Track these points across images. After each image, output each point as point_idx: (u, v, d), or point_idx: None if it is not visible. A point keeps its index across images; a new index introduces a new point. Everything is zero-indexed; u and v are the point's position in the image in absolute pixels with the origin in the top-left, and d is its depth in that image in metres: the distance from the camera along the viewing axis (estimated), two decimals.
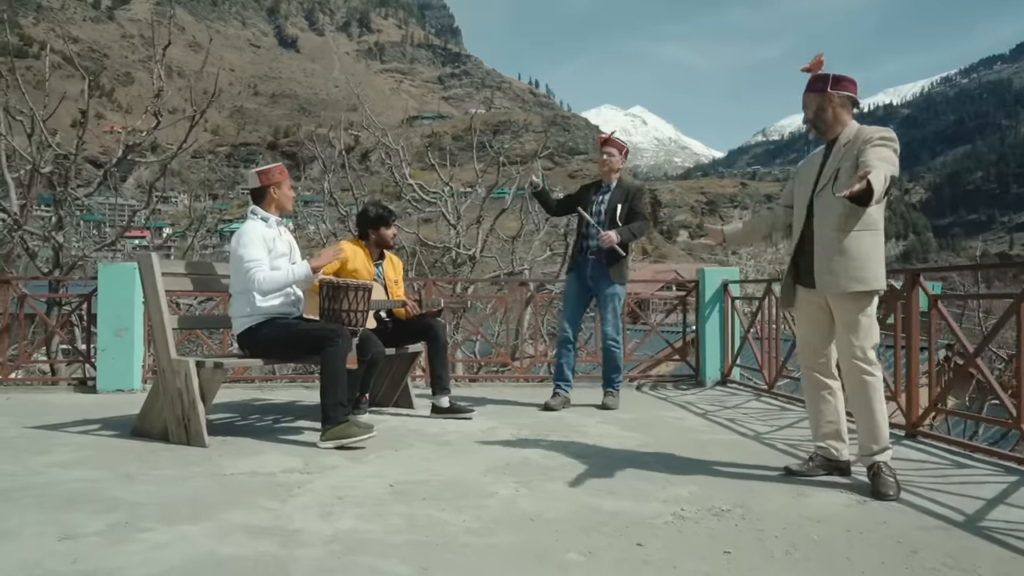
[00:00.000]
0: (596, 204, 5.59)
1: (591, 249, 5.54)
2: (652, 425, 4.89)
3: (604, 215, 5.52)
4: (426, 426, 4.75)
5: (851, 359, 3.34)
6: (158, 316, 4.19)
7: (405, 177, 10.71)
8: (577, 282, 5.62)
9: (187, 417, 4.06)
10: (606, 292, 5.54)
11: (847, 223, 3.35)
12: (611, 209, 5.52)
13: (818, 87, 3.44)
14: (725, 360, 6.89)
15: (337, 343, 4.06)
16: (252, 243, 4.22)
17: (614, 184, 5.60)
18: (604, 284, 5.52)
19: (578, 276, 5.61)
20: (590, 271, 5.55)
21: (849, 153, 3.33)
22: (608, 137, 5.70)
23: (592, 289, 5.60)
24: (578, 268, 5.62)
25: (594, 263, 5.52)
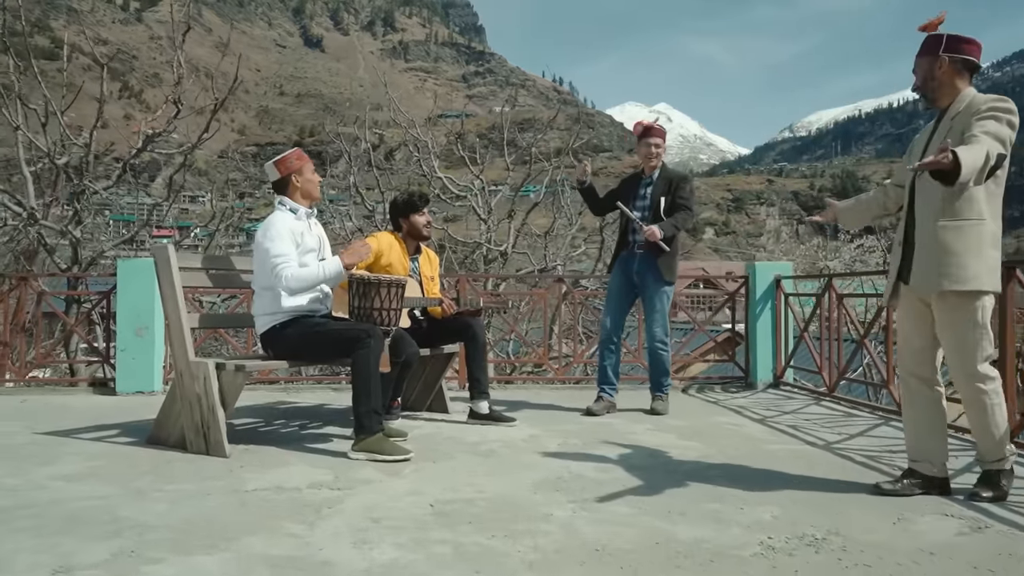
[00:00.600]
0: (639, 198, 5.20)
1: (637, 243, 5.15)
2: (709, 433, 4.49)
3: (648, 210, 5.13)
4: (464, 433, 4.38)
5: (957, 371, 2.95)
6: (175, 314, 3.86)
7: (434, 170, 10.36)
8: (622, 277, 5.22)
9: (206, 425, 3.73)
10: (653, 289, 5.13)
11: (946, 210, 2.93)
12: (655, 202, 5.12)
13: (930, 49, 3.02)
14: (777, 361, 6.45)
15: (369, 344, 3.71)
16: (279, 236, 3.87)
17: (657, 175, 5.20)
18: (651, 280, 5.12)
19: (623, 271, 5.21)
20: (636, 266, 5.15)
21: (957, 126, 2.91)
22: (651, 125, 5.29)
23: (637, 286, 5.20)
24: (623, 263, 5.22)
25: (641, 257, 5.13)
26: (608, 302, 5.32)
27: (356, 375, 3.73)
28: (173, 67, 8.04)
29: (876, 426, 4.66)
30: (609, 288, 5.33)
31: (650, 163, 5.20)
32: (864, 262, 24.48)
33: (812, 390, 6.07)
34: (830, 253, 27.81)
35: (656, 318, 5.15)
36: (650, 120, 5.51)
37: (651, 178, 5.20)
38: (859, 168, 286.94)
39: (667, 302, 5.22)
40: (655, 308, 5.14)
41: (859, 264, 24.31)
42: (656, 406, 5.17)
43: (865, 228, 30.70)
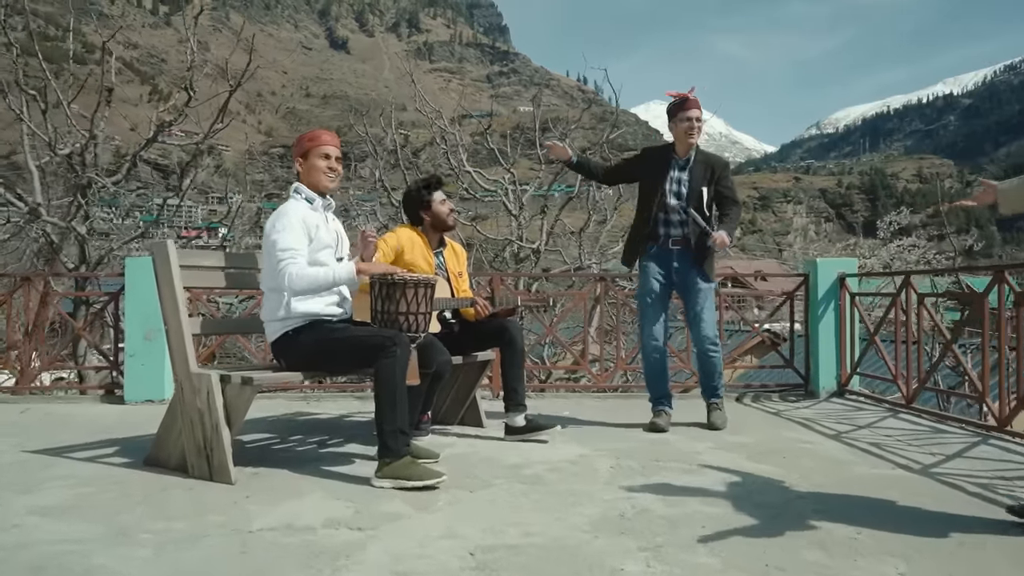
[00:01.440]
0: (673, 182, 4.52)
1: (673, 237, 4.54)
2: (782, 452, 3.92)
3: (686, 198, 4.49)
4: (502, 453, 3.86)
5: None
6: (174, 319, 3.39)
7: (462, 163, 9.85)
8: (659, 276, 4.58)
9: (209, 446, 3.25)
10: (701, 288, 4.55)
11: None
12: (696, 191, 4.48)
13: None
14: (842, 367, 5.86)
15: (394, 353, 3.20)
16: (289, 227, 3.38)
17: (693, 157, 4.54)
18: (696, 279, 4.54)
19: (659, 269, 4.58)
20: (676, 262, 4.56)
21: None
22: (687, 96, 4.54)
23: (675, 284, 4.62)
24: (657, 260, 4.58)
25: (679, 254, 4.54)
26: (647, 306, 4.63)
27: (380, 389, 3.23)
28: (187, 53, 7.58)
29: (974, 445, 4.07)
30: (644, 290, 4.63)
31: (689, 140, 4.51)
32: (905, 261, 23.58)
33: (886, 400, 5.47)
34: (867, 251, 26.96)
35: (706, 318, 4.57)
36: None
37: (687, 160, 4.55)
38: (888, 165, 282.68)
39: (713, 300, 4.70)
40: (704, 308, 4.57)
41: (899, 263, 23.38)
42: (714, 419, 4.59)
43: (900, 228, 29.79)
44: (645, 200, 4.61)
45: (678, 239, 4.54)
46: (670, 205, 4.51)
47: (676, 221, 4.53)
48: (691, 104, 4.53)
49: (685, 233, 4.51)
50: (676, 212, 4.51)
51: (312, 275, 3.34)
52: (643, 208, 4.63)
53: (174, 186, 9.24)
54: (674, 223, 4.53)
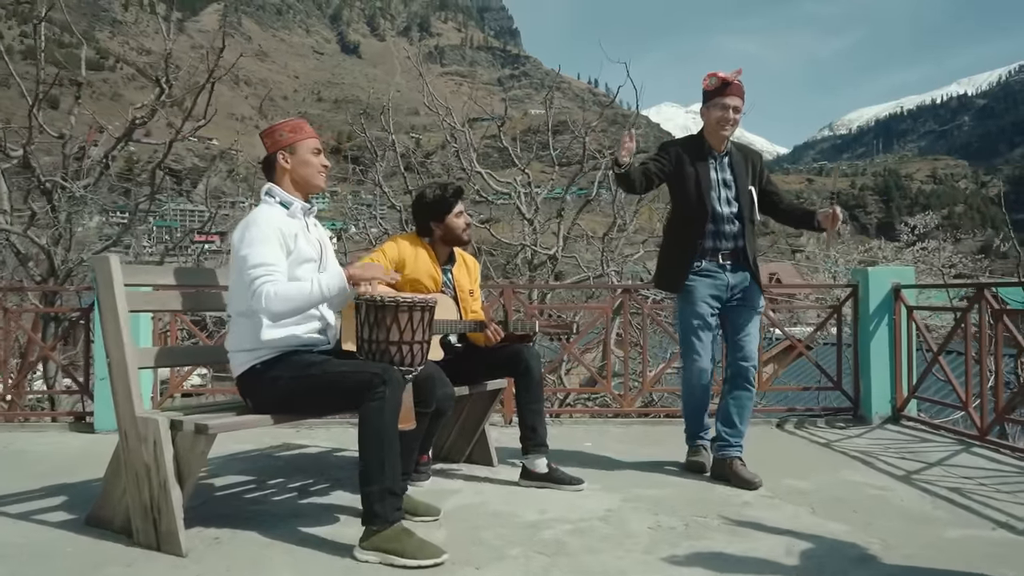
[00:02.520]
0: (719, 185, 3.78)
1: (724, 251, 3.77)
2: (850, 503, 3.28)
3: (735, 194, 3.78)
4: (517, 506, 3.23)
5: None
6: (118, 349, 2.78)
7: (472, 164, 9.23)
8: (711, 296, 3.77)
9: (156, 507, 2.64)
10: (755, 306, 3.86)
11: None
12: (745, 191, 3.78)
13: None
14: (897, 390, 5.20)
15: (382, 394, 2.58)
16: (262, 239, 2.76)
17: (729, 149, 3.85)
18: (754, 298, 3.84)
19: (712, 287, 3.77)
20: (731, 278, 3.78)
21: None
22: (728, 78, 3.74)
23: (724, 304, 3.81)
24: (707, 276, 3.77)
25: (733, 269, 3.79)
26: (696, 332, 3.80)
27: (364, 438, 2.61)
28: (164, 39, 7.00)
29: None
30: (691, 313, 3.78)
31: (721, 133, 3.77)
32: (928, 264, 22.76)
33: (950, 430, 4.80)
34: (890, 254, 26.14)
35: (752, 337, 3.84)
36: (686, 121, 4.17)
37: (726, 152, 3.84)
38: (902, 166, 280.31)
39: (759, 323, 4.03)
40: (753, 327, 3.85)
41: (922, 266, 22.54)
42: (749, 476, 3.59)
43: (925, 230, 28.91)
44: (686, 207, 3.79)
45: (729, 252, 3.79)
46: (721, 213, 3.75)
47: (729, 232, 3.78)
48: (733, 90, 3.74)
49: (739, 245, 3.79)
50: (729, 221, 3.77)
51: (292, 293, 2.70)
52: (685, 218, 3.81)
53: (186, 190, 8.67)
54: (726, 234, 3.78)
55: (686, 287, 3.78)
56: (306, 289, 2.71)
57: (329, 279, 2.75)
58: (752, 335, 3.85)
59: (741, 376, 3.81)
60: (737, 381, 3.82)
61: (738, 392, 3.82)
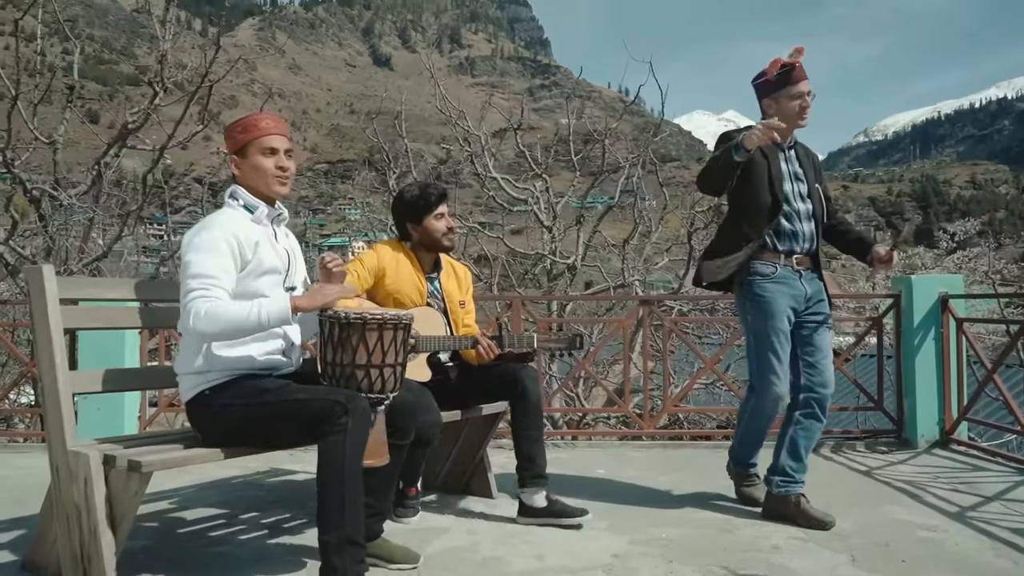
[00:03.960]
0: (792, 179, 3.33)
1: (799, 254, 3.31)
2: (902, 551, 2.82)
3: (807, 190, 3.34)
4: (511, 549, 2.84)
5: None
6: (49, 373, 2.44)
7: (488, 170, 8.87)
8: (791, 304, 3.29)
9: (87, 557, 2.29)
10: (828, 321, 3.38)
11: None
12: (817, 197, 3.35)
13: None
14: (946, 411, 4.71)
15: (344, 427, 2.22)
16: (206, 246, 2.39)
17: (793, 141, 3.40)
18: (825, 308, 3.37)
19: (790, 296, 3.29)
20: (808, 286, 3.33)
21: None
22: (793, 62, 3.26)
23: (801, 313, 3.34)
24: (785, 283, 3.29)
25: (808, 276, 3.34)
26: (776, 349, 3.29)
27: (322, 476, 2.25)
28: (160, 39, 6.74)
29: None
30: (772, 326, 3.27)
31: (800, 123, 3.32)
32: (970, 271, 21.89)
33: (1009, 456, 4.30)
34: (930, 262, 25.29)
35: (830, 359, 3.36)
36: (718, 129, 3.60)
37: (791, 144, 3.39)
38: (940, 172, 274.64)
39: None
40: (825, 346, 3.36)
41: (965, 273, 21.66)
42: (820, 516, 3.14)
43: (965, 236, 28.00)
44: (754, 200, 3.30)
45: (803, 255, 3.34)
46: (796, 208, 3.31)
47: (804, 233, 3.33)
48: (801, 73, 3.28)
49: (811, 249, 3.36)
50: (806, 219, 3.33)
51: (230, 315, 2.32)
52: (753, 212, 3.31)
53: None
54: (803, 235, 3.32)
55: (757, 292, 3.30)
56: (243, 313, 2.33)
57: (271, 307, 2.37)
58: (829, 356, 3.36)
59: (815, 404, 3.30)
60: (810, 409, 3.30)
61: (810, 422, 3.30)
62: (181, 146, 6.71)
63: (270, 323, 2.35)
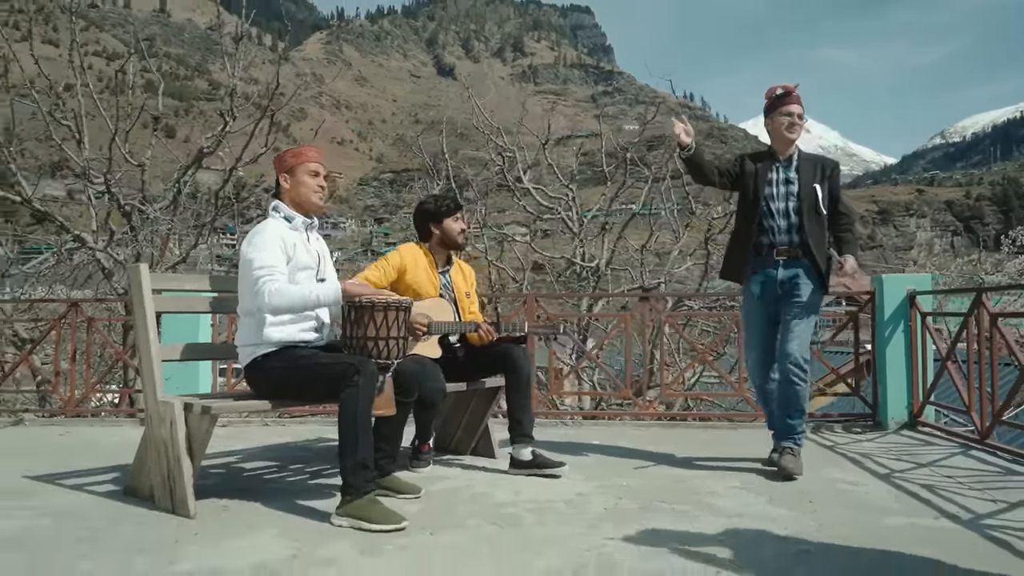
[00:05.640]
0: (779, 184, 3.98)
1: (779, 247, 3.94)
2: (815, 497, 3.45)
3: (797, 199, 3.93)
4: (496, 489, 3.57)
5: None
6: (145, 345, 3.29)
7: (521, 179, 9.61)
8: (762, 296, 4.02)
9: (172, 478, 3.11)
10: (803, 300, 3.91)
11: None
12: (807, 187, 3.92)
13: None
14: (914, 396, 5.25)
15: (356, 383, 2.98)
16: (265, 245, 3.22)
17: (797, 158, 4.01)
18: (802, 290, 3.91)
19: (763, 288, 4.01)
20: (782, 273, 3.95)
21: None
22: (787, 88, 3.98)
23: (780, 299, 3.97)
24: (760, 274, 4.00)
25: (787, 265, 3.94)
26: (747, 328, 4.13)
27: (342, 419, 3.02)
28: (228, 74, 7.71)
29: None
30: (745, 309, 4.14)
31: (790, 136, 3.95)
32: None
33: (961, 435, 4.84)
34: (991, 267, 24.94)
35: (796, 332, 3.88)
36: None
37: (790, 161, 4.02)
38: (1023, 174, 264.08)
39: (814, 317, 3.99)
40: (797, 320, 3.90)
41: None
42: (785, 463, 3.82)
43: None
44: (747, 207, 4.04)
45: (784, 248, 3.96)
46: (777, 208, 3.97)
47: (784, 227, 3.96)
48: (792, 99, 3.97)
49: (793, 241, 3.95)
50: (784, 215, 3.97)
51: (291, 292, 3.17)
52: (745, 217, 4.05)
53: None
54: (781, 229, 3.97)
55: (745, 294, 4.07)
56: (303, 291, 3.18)
57: (326, 288, 3.22)
58: (794, 330, 3.89)
59: (783, 372, 3.91)
60: (781, 380, 3.94)
61: (783, 387, 3.92)
62: (251, 162, 7.62)
63: (325, 302, 3.21)
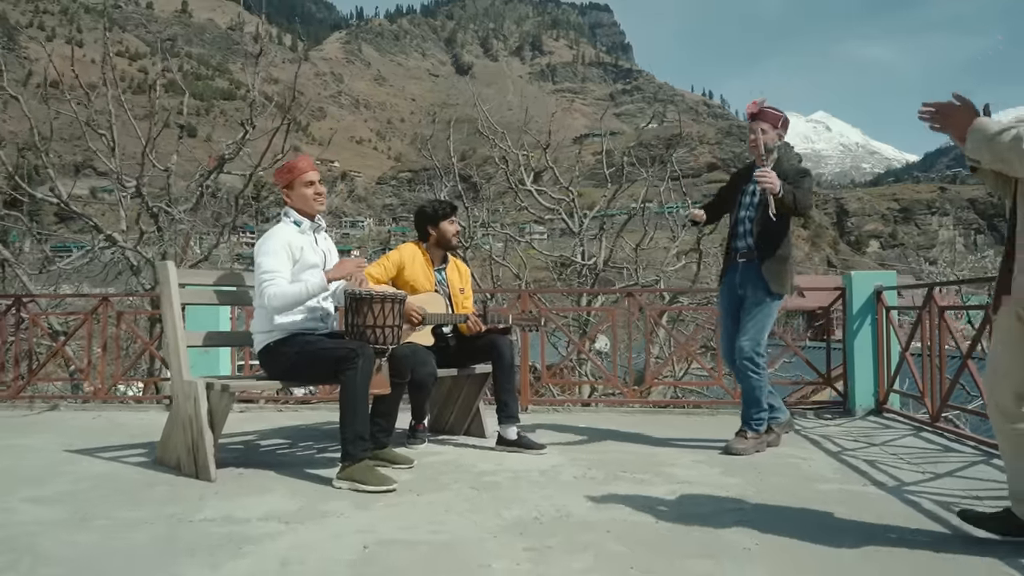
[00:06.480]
0: (748, 195, 4.42)
1: (740, 250, 4.42)
2: (764, 468, 3.87)
3: (756, 208, 4.35)
4: (481, 462, 4.01)
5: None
6: (172, 332, 3.76)
7: (523, 181, 10.05)
8: (727, 294, 4.52)
9: (196, 447, 3.58)
10: (752, 300, 4.35)
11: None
12: (764, 203, 4.26)
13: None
14: (880, 385, 5.64)
15: (356, 364, 3.43)
16: (271, 251, 3.68)
17: (770, 168, 4.33)
18: (751, 291, 4.35)
19: (728, 287, 4.50)
20: (739, 277, 4.40)
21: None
22: (762, 109, 4.40)
23: (742, 297, 4.41)
24: (729, 276, 4.49)
25: (744, 267, 4.37)
26: (719, 325, 4.68)
27: (343, 396, 3.47)
28: (250, 86, 8.22)
29: (972, 464, 3.88)
30: (719, 308, 4.67)
31: (753, 151, 4.36)
32: None
33: (914, 418, 5.22)
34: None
35: (746, 329, 4.32)
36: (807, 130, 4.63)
37: (763, 165, 4.33)
38: None
39: (765, 316, 4.36)
40: (750, 318, 4.34)
41: None
42: (730, 443, 4.27)
43: None
44: (730, 216, 4.59)
45: (744, 251, 4.40)
46: (740, 216, 4.44)
47: (743, 232, 4.42)
48: (759, 116, 4.39)
49: (749, 245, 4.38)
50: (742, 223, 4.42)
51: (288, 292, 3.60)
52: (729, 225, 4.61)
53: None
54: (740, 234, 4.43)
55: (721, 285, 4.61)
56: (297, 289, 3.62)
57: (312, 281, 3.66)
58: (746, 326, 4.32)
59: (736, 367, 4.37)
60: (736, 370, 4.41)
61: (739, 380, 4.43)
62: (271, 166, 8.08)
63: (313, 292, 3.65)
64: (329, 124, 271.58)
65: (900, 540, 2.61)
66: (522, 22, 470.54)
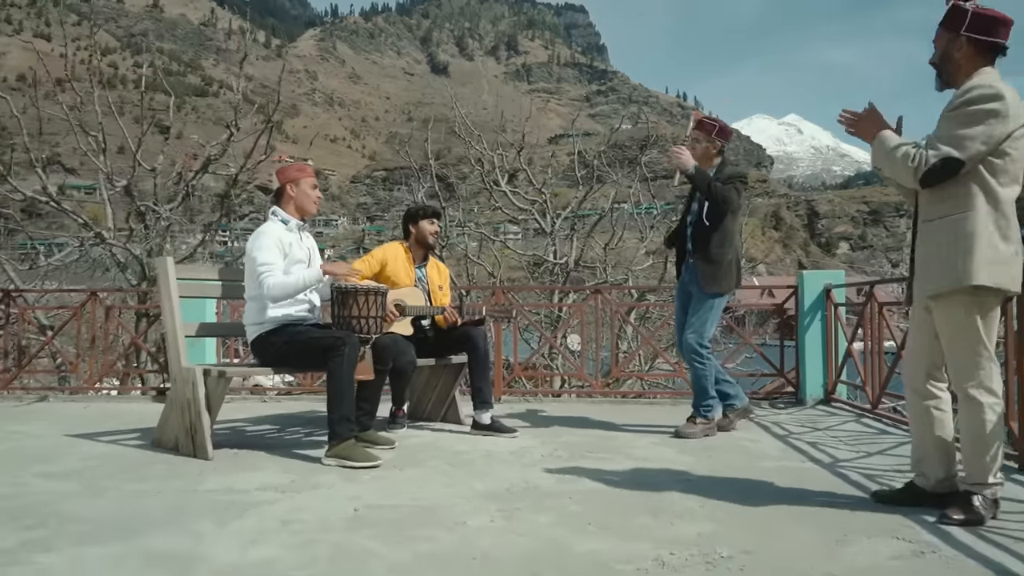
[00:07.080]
0: (696, 201, 4.77)
1: (688, 252, 4.79)
2: (716, 448, 4.25)
3: (697, 215, 4.72)
4: (457, 443, 4.35)
5: (954, 379, 2.81)
6: (171, 322, 4.06)
7: (498, 182, 10.40)
8: (681, 291, 4.93)
9: (193, 428, 3.88)
10: (695, 299, 4.74)
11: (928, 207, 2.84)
12: (700, 207, 4.70)
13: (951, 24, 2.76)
14: (828, 376, 6.06)
15: (343, 352, 3.75)
16: (266, 246, 3.99)
17: (714, 174, 4.72)
18: (695, 290, 4.73)
19: (681, 283, 4.91)
20: (687, 275, 4.81)
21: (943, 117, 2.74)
22: (701, 118, 4.83)
23: (690, 296, 4.83)
24: (682, 274, 4.91)
25: (690, 267, 4.78)
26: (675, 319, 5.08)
27: (330, 381, 3.79)
28: (236, 89, 8.49)
29: (901, 444, 4.28)
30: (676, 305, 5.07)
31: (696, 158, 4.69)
32: None
33: (856, 406, 5.65)
34: None
35: (690, 323, 4.72)
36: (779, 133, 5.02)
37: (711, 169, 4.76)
38: None
39: (708, 312, 4.74)
40: (693, 315, 4.73)
41: None
42: (679, 428, 4.67)
43: None
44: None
45: (690, 252, 4.77)
46: (688, 221, 4.84)
47: (688, 236, 4.81)
48: (698, 126, 4.81)
49: (689, 248, 4.78)
50: (689, 227, 4.81)
51: (286, 282, 3.92)
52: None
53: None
54: (686, 238, 4.83)
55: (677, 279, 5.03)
56: (294, 279, 3.94)
57: (309, 272, 3.97)
58: (690, 320, 4.72)
59: (684, 359, 4.86)
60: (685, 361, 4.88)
61: (688, 370, 4.86)
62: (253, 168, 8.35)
63: (310, 283, 3.97)
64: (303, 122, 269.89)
65: (826, 503, 2.99)
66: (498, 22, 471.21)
